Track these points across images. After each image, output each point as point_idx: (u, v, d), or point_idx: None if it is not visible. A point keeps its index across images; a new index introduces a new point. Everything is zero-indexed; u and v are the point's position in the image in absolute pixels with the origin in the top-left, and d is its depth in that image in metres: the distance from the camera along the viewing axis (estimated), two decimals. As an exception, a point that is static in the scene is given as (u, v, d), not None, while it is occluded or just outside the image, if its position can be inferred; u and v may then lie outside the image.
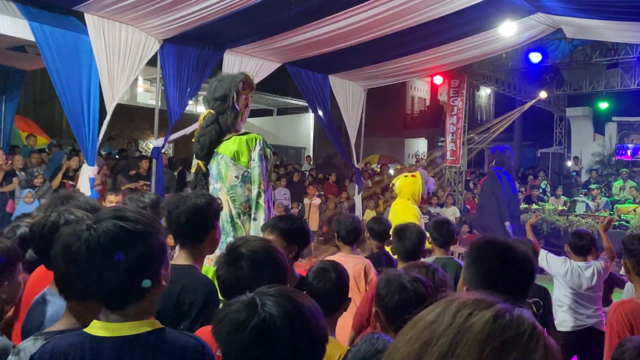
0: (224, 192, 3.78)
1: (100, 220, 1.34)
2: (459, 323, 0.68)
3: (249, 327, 1.14)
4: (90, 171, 6.32)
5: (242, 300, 1.20)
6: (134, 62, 6.71)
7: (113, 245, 1.30)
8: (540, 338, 0.68)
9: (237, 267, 1.75)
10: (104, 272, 1.30)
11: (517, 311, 0.71)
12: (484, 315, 0.68)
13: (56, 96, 6.20)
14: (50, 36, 5.83)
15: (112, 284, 1.30)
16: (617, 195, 12.16)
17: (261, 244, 1.83)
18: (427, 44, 8.72)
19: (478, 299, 0.72)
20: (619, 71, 13.54)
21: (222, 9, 6.36)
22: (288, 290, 1.27)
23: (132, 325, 1.32)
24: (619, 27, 8.29)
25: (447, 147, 12.82)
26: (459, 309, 0.70)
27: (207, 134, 3.87)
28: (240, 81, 3.88)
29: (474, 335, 0.66)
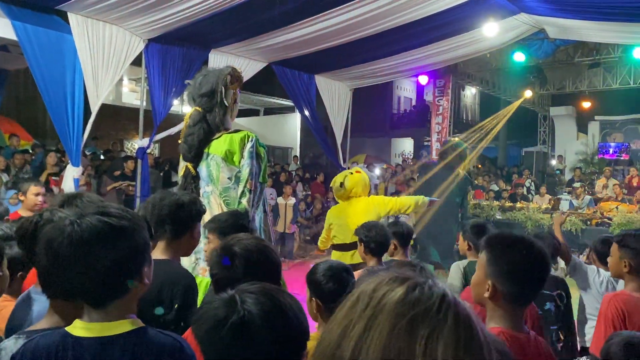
0: (216, 195, 3.56)
1: (83, 215, 1.33)
2: (373, 305, 0.69)
3: (227, 324, 1.14)
4: (75, 172, 6.26)
5: (223, 298, 1.20)
6: (118, 62, 6.67)
7: (97, 240, 1.28)
8: (450, 307, 0.68)
9: (231, 266, 1.75)
10: (87, 268, 1.28)
11: (428, 284, 0.71)
12: (395, 294, 0.69)
13: (40, 96, 6.13)
14: (33, 35, 5.77)
15: (95, 281, 1.29)
16: (600, 193, 12.32)
17: (255, 243, 1.82)
18: (413, 43, 8.77)
19: (394, 277, 0.72)
20: (601, 71, 13.75)
21: (206, 9, 6.34)
22: (270, 287, 1.26)
23: (114, 325, 1.31)
24: (600, 27, 8.41)
25: (433, 146, 12.91)
26: (374, 290, 0.71)
27: (194, 134, 3.63)
28: (228, 75, 3.63)
29: (385, 315, 0.67)
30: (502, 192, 12.60)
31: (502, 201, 11.86)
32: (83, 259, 1.28)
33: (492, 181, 13.94)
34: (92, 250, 1.28)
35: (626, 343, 1.92)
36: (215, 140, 3.63)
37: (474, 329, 0.69)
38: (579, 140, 16.74)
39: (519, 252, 1.68)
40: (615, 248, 2.57)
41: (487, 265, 1.69)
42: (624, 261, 2.51)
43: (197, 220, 2.32)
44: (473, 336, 0.68)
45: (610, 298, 2.52)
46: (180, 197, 2.27)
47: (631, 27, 8.07)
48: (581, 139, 16.73)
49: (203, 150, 3.63)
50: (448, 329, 0.66)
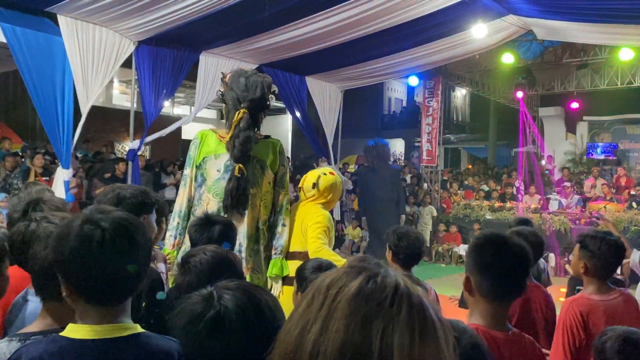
0: (259, 198, 3.61)
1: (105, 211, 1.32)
2: (328, 304, 0.68)
3: (204, 319, 1.17)
4: (65, 174, 6.25)
5: (201, 293, 1.23)
6: (108, 64, 6.66)
7: (128, 241, 1.28)
8: (403, 299, 0.68)
9: (188, 275, 1.83)
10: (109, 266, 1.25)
11: (381, 275, 0.70)
12: (349, 290, 0.68)
13: (29, 98, 6.11)
14: (22, 37, 5.75)
15: (119, 279, 1.27)
16: (589, 192, 12.45)
17: (214, 254, 1.88)
18: (403, 45, 8.82)
19: (348, 270, 0.72)
20: (589, 72, 13.89)
21: (197, 11, 6.35)
22: (247, 284, 1.30)
23: (114, 327, 1.28)
24: (587, 28, 8.51)
25: (423, 147, 12.98)
26: (329, 287, 0.70)
27: (251, 137, 3.57)
28: (272, 83, 3.71)
29: (340, 314, 0.67)
30: (492, 192, 12.69)
31: (492, 201, 11.96)
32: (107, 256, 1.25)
33: (482, 181, 14.04)
34: (124, 251, 1.27)
35: (623, 339, 1.89)
36: (257, 145, 3.64)
37: (428, 317, 0.69)
38: (567, 141, 16.89)
39: (492, 247, 1.72)
40: (577, 248, 2.55)
41: (466, 261, 1.77)
42: (582, 262, 2.49)
43: (146, 212, 2.24)
44: (427, 324, 0.68)
45: (570, 303, 2.48)
46: (121, 192, 2.21)
47: (617, 28, 8.17)
48: (570, 139, 16.88)
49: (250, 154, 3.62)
50: (402, 321, 0.66)
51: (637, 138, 16.01)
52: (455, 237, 11.54)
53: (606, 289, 2.48)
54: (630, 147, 16.02)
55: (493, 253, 1.70)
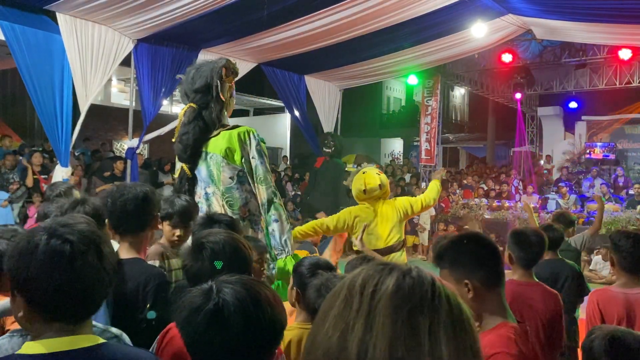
0: (218, 197, 3.32)
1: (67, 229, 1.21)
2: (367, 302, 0.69)
3: (203, 311, 1.19)
4: (64, 172, 6.24)
5: (202, 288, 1.25)
6: (107, 62, 6.65)
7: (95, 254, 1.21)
8: (441, 292, 0.70)
9: (198, 258, 1.83)
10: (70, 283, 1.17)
11: (415, 271, 0.72)
12: (387, 288, 0.69)
13: (27, 97, 6.10)
14: (21, 35, 5.74)
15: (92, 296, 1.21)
16: (587, 192, 12.46)
17: (224, 237, 1.88)
18: (401, 44, 8.83)
19: (378, 268, 0.73)
20: (588, 71, 13.90)
21: (196, 9, 6.35)
22: (248, 279, 1.30)
23: (73, 339, 1.20)
24: (586, 28, 8.53)
25: (422, 147, 12.98)
26: (363, 286, 0.71)
27: (190, 132, 3.30)
28: (222, 67, 3.34)
29: (383, 310, 0.68)
30: (490, 191, 12.70)
31: (490, 200, 11.96)
32: (67, 273, 1.17)
33: (481, 181, 14.05)
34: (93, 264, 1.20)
35: (610, 337, 1.88)
36: (214, 138, 3.35)
37: (463, 308, 0.72)
38: (566, 140, 16.90)
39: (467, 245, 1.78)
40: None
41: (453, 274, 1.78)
42: (611, 257, 2.75)
43: (159, 211, 2.33)
44: (464, 315, 0.71)
45: (592, 294, 2.72)
46: (141, 189, 2.23)
47: (616, 28, 8.19)
48: (568, 138, 16.90)
49: (200, 150, 3.35)
50: (444, 313, 0.68)
51: (635, 138, 16.03)
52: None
53: (634, 283, 2.64)
54: (629, 146, 16.04)
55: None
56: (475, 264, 1.71)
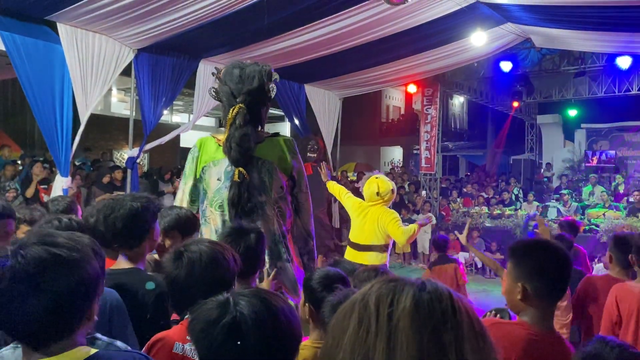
0: (270, 206, 3.14)
1: (27, 245, 1.16)
2: (385, 322, 0.67)
3: (220, 325, 1.17)
4: (64, 182, 6.23)
5: (217, 300, 1.24)
6: (108, 72, 6.66)
7: (43, 274, 1.12)
8: (461, 305, 0.69)
9: (176, 266, 1.83)
10: (30, 305, 1.11)
11: (429, 286, 0.70)
12: (405, 307, 0.67)
13: (27, 107, 6.10)
14: (21, 46, 5.75)
15: (39, 320, 1.13)
16: (587, 200, 12.46)
17: (208, 247, 1.87)
18: (401, 53, 8.85)
19: (389, 286, 0.70)
20: (587, 79, 13.96)
21: (196, 19, 6.36)
22: (263, 291, 1.30)
23: (70, 354, 1.18)
24: (585, 36, 8.56)
25: (422, 155, 12.98)
26: (378, 305, 0.68)
27: (248, 135, 3.05)
28: (270, 71, 3.20)
29: (406, 332, 0.66)
30: (490, 199, 12.70)
31: (491, 208, 11.95)
32: (26, 295, 1.11)
33: (481, 189, 14.05)
34: (37, 285, 1.12)
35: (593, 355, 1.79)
36: (261, 144, 3.15)
37: (480, 320, 0.71)
38: (565, 148, 16.94)
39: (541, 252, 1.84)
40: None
41: (515, 271, 1.82)
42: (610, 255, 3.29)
43: (154, 221, 2.24)
44: (482, 325, 0.70)
45: (612, 288, 3.02)
46: (132, 205, 2.16)
47: (615, 36, 8.22)
48: (568, 146, 16.93)
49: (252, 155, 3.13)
50: (467, 326, 0.67)
51: (634, 145, 16.06)
52: (454, 245, 11.50)
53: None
54: (628, 154, 16.07)
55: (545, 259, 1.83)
56: (536, 273, 1.77)
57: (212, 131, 18.80)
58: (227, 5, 6.16)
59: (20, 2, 5.59)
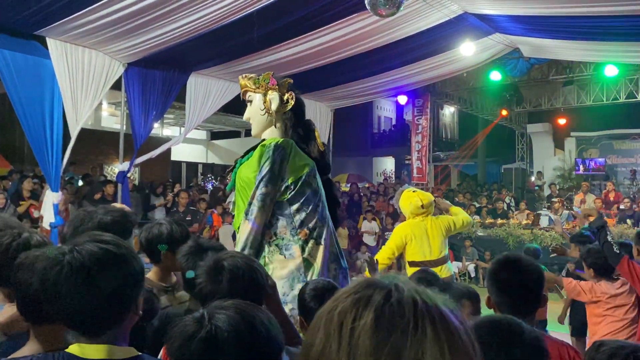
0: None
1: (81, 243, 1.31)
2: (347, 342, 0.65)
3: (196, 339, 1.16)
4: (54, 197, 6.18)
5: (194, 315, 1.23)
6: (98, 86, 6.64)
7: (98, 267, 1.26)
8: (425, 317, 0.65)
9: (215, 279, 1.78)
10: (86, 296, 1.25)
11: (394, 295, 0.67)
12: (366, 323, 0.65)
13: (16, 122, 6.06)
14: (11, 60, 5.72)
15: (93, 310, 1.26)
16: (579, 207, 12.51)
17: (244, 261, 1.85)
18: (391, 64, 8.91)
19: (355, 297, 0.68)
20: (575, 88, 14.10)
21: (186, 32, 6.38)
22: (242, 304, 1.28)
23: (118, 349, 1.29)
24: (572, 46, 8.66)
25: (414, 165, 13.03)
26: (341, 322, 0.66)
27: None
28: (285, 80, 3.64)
29: (364, 350, 0.63)
30: (482, 208, 12.72)
31: (483, 217, 11.97)
32: (83, 287, 1.25)
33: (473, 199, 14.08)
34: (92, 277, 1.25)
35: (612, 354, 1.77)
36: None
37: (452, 328, 0.66)
38: (556, 156, 17.05)
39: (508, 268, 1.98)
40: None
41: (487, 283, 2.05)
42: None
43: (129, 237, 2.23)
44: (454, 336, 0.66)
45: None
46: (103, 218, 2.15)
47: (602, 45, 8.32)
48: (558, 155, 17.05)
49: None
50: (430, 342, 0.64)
51: (623, 153, 16.21)
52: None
53: None
54: (618, 162, 16.20)
55: (508, 275, 1.96)
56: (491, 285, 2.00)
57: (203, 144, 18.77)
58: (217, 19, 6.18)
59: (9, 17, 5.57)
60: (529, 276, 1.95)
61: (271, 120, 3.52)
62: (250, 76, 3.64)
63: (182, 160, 18.51)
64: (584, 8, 6.68)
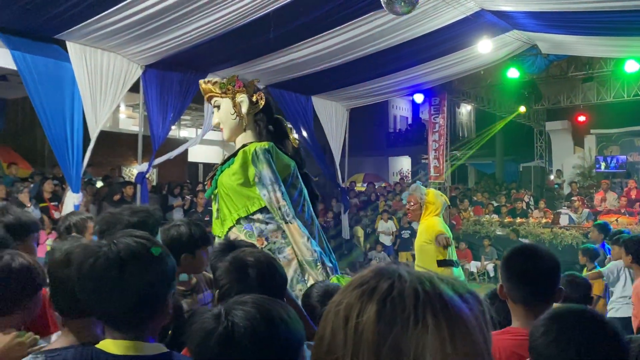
0: None
1: (118, 237, 1.34)
2: (352, 335, 0.65)
3: (214, 336, 1.16)
4: (75, 198, 6.27)
5: (212, 311, 1.23)
6: (116, 89, 6.72)
7: (133, 260, 1.29)
8: (426, 308, 0.64)
9: (242, 278, 1.76)
10: (121, 289, 1.27)
11: (396, 287, 0.66)
12: (369, 317, 0.64)
13: (37, 124, 6.17)
14: (32, 65, 5.83)
15: (126, 303, 1.28)
16: (599, 206, 12.33)
17: (264, 255, 1.86)
18: (407, 63, 8.87)
19: (359, 291, 0.67)
20: (595, 85, 13.87)
21: (202, 34, 6.42)
22: (261, 298, 1.27)
23: (146, 345, 1.31)
24: (591, 41, 8.53)
25: (431, 164, 12.95)
26: (346, 317, 0.66)
27: None
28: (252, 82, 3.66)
29: (369, 343, 0.63)
30: (501, 207, 12.60)
31: (502, 216, 11.86)
32: (117, 279, 1.27)
33: (491, 198, 13.96)
34: (128, 270, 1.28)
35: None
36: None
37: (454, 314, 0.65)
38: (575, 154, 16.79)
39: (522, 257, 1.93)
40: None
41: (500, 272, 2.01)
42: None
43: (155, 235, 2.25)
44: (456, 323, 0.64)
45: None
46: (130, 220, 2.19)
47: (622, 40, 8.19)
48: (578, 152, 16.79)
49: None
50: (431, 333, 0.63)
51: (645, 150, 15.92)
52: (465, 254, 11.41)
53: None
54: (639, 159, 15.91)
55: (524, 263, 1.89)
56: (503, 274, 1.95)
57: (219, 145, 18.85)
58: (233, 20, 6.22)
59: (30, 22, 5.67)
60: (543, 265, 1.87)
61: (243, 123, 3.50)
62: (214, 81, 3.61)
63: (198, 161, 18.63)
64: (602, 3, 6.58)
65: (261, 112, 3.56)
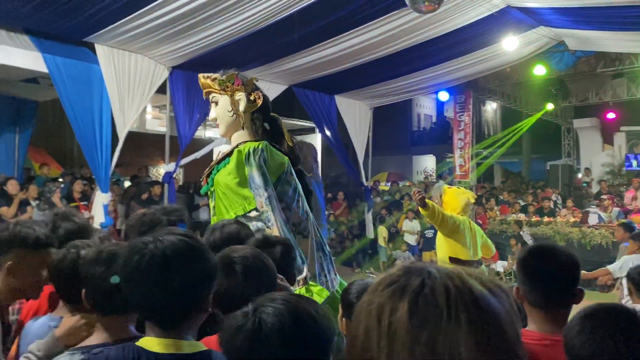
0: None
1: (162, 235, 1.37)
2: (384, 334, 0.66)
3: (242, 332, 1.18)
4: (104, 198, 6.40)
5: (244, 309, 1.25)
6: (144, 90, 6.83)
7: (178, 257, 1.32)
8: (459, 305, 0.65)
9: (231, 272, 1.77)
10: (165, 285, 1.30)
11: (427, 284, 0.66)
12: (402, 315, 0.65)
13: (67, 126, 6.31)
14: (62, 67, 5.97)
15: (170, 300, 1.31)
16: (630, 205, 12.05)
17: (251, 252, 1.86)
18: (432, 61, 8.81)
19: (390, 290, 0.68)
20: (625, 81, 13.57)
21: (228, 35, 6.48)
22: (291, 296, 1.29)
23: (187, 344, 1.34)
24: (619, 37, 8.35)
25: (456, 162, 12.84)
26: (379, 316, 0.67)
27: None
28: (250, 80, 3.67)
29: (401, 342, 0.64)
30: (528, 206, 12.41)
31: (529, 216, 11.69)
32: (161, 275, 1.30)
33: (517, 196, 13.75)
34: (172, 267, 1.31)
35: None
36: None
37: (486, 310, 0.66)
38: (604, 152, 16.44)
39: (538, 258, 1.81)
40: None
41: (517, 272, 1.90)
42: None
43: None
44: (488, 319, 0.65)
45: None
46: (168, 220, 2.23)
47: (652, 36, 7.99)
48: (607, 150, 16.43)
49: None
50: (464, 329, 0.63)
51: (678, 147, 15.49)
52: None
53: None
54: (671, 156, 15.49)
55: (539, 263, 1.79)
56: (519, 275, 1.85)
57: (244, 145, 19.00)
58: (259, 21, 6.26)
59: (60, 25, 5.81)
60: (561, 265, 1.76)
61: (240, 121, 3.51)
62: (213, 77, 3.65)
63: (223, 161, 18.79)
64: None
65: (258, 111, 3.58)
